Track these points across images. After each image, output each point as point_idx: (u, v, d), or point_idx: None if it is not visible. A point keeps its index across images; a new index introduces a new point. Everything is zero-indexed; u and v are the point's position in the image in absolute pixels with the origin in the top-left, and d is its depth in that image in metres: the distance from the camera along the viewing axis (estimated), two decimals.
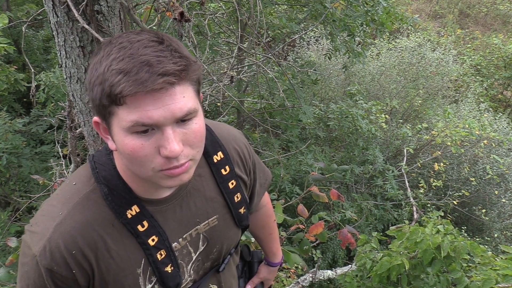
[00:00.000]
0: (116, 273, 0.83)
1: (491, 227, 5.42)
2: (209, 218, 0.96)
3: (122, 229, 0.83)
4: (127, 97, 0.68)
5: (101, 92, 0.69)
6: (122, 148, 0.73)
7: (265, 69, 3.04)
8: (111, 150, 0.86)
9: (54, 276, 0.78)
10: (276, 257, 1.38)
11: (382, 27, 3.99)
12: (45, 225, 0.79)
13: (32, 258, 0.78)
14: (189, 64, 0.72)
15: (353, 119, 5.02)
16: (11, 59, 6.08)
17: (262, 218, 1.29)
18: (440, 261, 1.82)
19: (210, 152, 0.96)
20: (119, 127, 0.71)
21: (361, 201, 5.01)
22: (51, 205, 0.83)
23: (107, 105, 0.70)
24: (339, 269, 2.79)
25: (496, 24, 11.77)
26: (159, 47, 0.70)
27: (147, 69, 0.67)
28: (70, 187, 0.84)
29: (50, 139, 5.26)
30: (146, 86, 0.66)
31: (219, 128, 1.01)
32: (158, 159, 0.72)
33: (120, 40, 0.72)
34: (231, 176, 0.99)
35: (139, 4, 1.94)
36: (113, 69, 0.68)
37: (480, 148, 5.49)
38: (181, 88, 0.71)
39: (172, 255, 0.89)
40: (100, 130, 0.80)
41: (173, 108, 0.70)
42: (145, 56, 0.68)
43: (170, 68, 0.68)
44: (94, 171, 0.84)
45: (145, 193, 0.85)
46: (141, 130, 0.70)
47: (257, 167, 1.10)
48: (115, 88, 0.67)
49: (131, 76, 0.67)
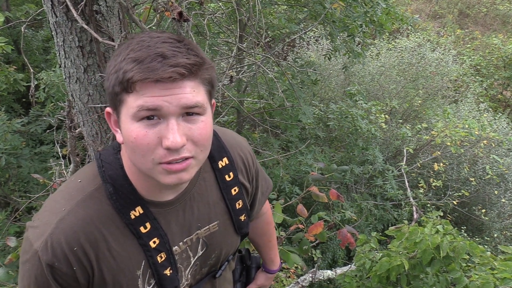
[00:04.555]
0: (116, 273, 0.82)
1: (491, 227, 5.42)
2: (210, 224, 0.95)
3: (125, 229, 0.82)
4: (136, 83, 0.69)
5: (115, 79, 0.72)
6: (127, 136, 0.74)
7: (265, 69, 3.04)
8: (118, 149, 0.87)
9: (55, 272, 0.77)
10: (274, 264, 1.38)
11: (381, 28, 3.99)
12: (47, 220, 0.79)
13: (33, 254, 0.77)
14: (203, 63, 0.73)
15: (352, 119, 5.02)
16: (11, 59, 6.07)
17: (261, 225, 1.28)
18: (439, 261, 1.82)
19: (216, 157, 0.96)
20: (126, 115, 0.73)
21: (361, 201, 5.01)
22: (55, 200, 0.83)
23: (118, 92, 0.72)
24: (338, 269, 2.79)
25: (495, 24, 11.77)
26: (177, 44, 0.72)
27: (161, 59, 0.69)
28: (75, 184, 0.84)
29: (50, 139, 5.25)
30: (156, 74, 0.68)
31: (226, 134, 1.01)
32: (159, 150, 0.72)
33: (142, 36, 0.74)
34: (234, 183, 0.98)
35: (138, 4, 1.94)
36: (129, 58, 0.70)
37: (479, 148, 5.49)
38: (192, 84, 0.72)
39: (172, 259, 0.89)
40: (111, 122, 0.81)
41: (180, 97, 0.71)
42: (161, 49, 0.70)
43: (182, 61, 0.70)
44: (100, 170, 0.84)
45: (149, 195, 0.85)
46: (146, 116, 0.71)
47: (260, 175, 1.10)
48: (127, 74, 0.69)
49: (144, 64, 0.69)
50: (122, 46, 0.75)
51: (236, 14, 3.05)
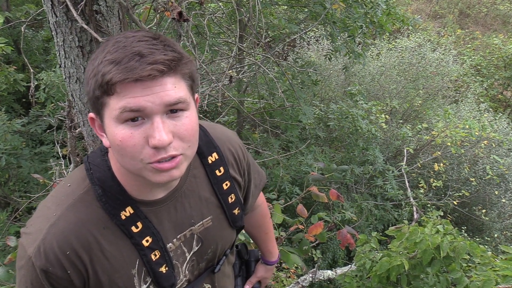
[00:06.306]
0: (111, 273, 0.83)
1: (491, 227, 5.42)
2: (204, 219, 0.96)
3: (116, 230, 0.83)
4: (116, 85, 0.69)
5: (95, 83, 0.71)
6: (113, 139, 0.73)
7: (265, 69, 3.03)
8: (106, 151, 0.87)
9: (49, 277, 0.78)
10: (273, 256, 1.39)
11: (381, 29, 3.99)
12: (39, 226, 0.80)
13: (27, 260, 0.78)
14: (181, 57, 0.73)
15: (353, 119, 5.02)
16: (11, 60, 6.07)
17: (257, 217, 1.29)
18: (439, 261, 1.81)
19: (205, 153, 0.96)
20: (110, 117, 0.72)
21: (361, 201, 5.01)
22: (46, 206, 0.83)
23: (99, 96, 0.71)
24: (339, 269, 2.79)
25: (496, 24, 11.77)
26: (153, 42, 0.72)
27: (138, 58, 0.69)
28: (64, 189, 0.84)
29: (50, 140, 5.25)
30: (135, 73, 0.68)
31: (214, 129, 1.01)
32: (147, 149, 0.72)
33: (117, 37, 0.74)
34: (225, 177, 0.99)
35: (138, 4, 1.94)
36: (106, 60, 0.70)
37: (480, 148, 5.49)
38: (173, 80, 0.72)
39: (167, 256, 0.89)
40: (95, 127, 0.81)
41: (162, 95, 0.70)
42: (137, 48, 0.70)
43: (159, 58, 0.69)
44: (88, 172, 0.84)
45: (139, 194, 0.85)
46: (130, 118, 0.71)
47: (252, 168, 1.10)
48: (106, 76, 0.69)
49: (121, 65, 0.68)
50: (98, 50, 0.75)
51: (236, 14, 3.05)
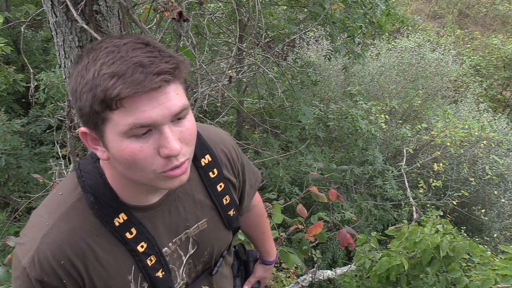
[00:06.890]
0: (107, 280, 0.83)
1: (491, 227, 5.43)
2: (199, 222, 0.96)
3: (110, 237, 0.82)
4: (124, 100, 0.66)
5: (92, 98, 0.67)
6: (120, 154, 0.71)
7: (265, 69, 3.04)
8: (97, 157, 0.85)
9: (45, 286, 0.77)
10: (271, 255, 1.38)
11: (381, 30, 4.00)
12: (32, 236, 0.79)
13: (22, 270, 0.78)
14: (180, 63, 0.72)
15: (352, 120, 5.02)
16: (10, 60, 6.07)
17: (254, 217, 1.28)
18: (439, 261, 1.82)
19: (198, 155, 0.95)
20: (114, 132, 0.70)
21: (360, 201, 5.01)
22: (39, 215, 0.83)
23: (100, 111, 0.68)
24: (338, 269, 2.80)
25: (495, 25, 11.78)
26: (147, 49, 0.70)
27: (141, 69, 0.66)
28: (56, 197, 0.84)
29: (49, 140, 5.25)
30: (144, 86, 0.66)
31: (207, 130, 1.01)
32: (158, 160, 0.72)
33: (105, 45, 0.70)
34: (219, 179, 0.98)
35: (138, 4, 1.94)
36: (105, 73, 0.66)
37: (479, 149, 5.50)
38: (174, 87, 0.71)
39: (163, 260, 0.89)
40: (87, 141, 0.78)
41: (169, 106, 0.70)
42: (136, 58, 0.67)
43: (164, 67, 0.68)
44: (80, 180, 0.83)
45: (133, 200, 0.85)
46: (141, 133, 0.69)
47: (246, 168, 1.09)
48: (111, 91, 0.65)
49: (126, 78, 0.65)
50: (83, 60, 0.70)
51: (236, 14, 3.05)
